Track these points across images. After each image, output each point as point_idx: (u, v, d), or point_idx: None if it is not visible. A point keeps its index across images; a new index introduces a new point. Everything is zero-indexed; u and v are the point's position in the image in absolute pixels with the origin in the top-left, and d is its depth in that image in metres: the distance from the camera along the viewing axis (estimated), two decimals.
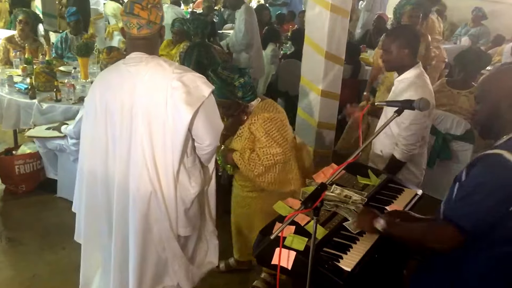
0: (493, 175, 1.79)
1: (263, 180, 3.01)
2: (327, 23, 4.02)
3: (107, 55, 4.51)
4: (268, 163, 2.93)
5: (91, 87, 2.52)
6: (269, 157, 2.92)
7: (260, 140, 2.94)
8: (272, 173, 2.99)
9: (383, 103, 2.44)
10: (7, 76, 5.05)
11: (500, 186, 1.78)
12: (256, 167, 2.94)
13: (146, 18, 2.27)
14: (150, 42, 2.37)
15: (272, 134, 2.94)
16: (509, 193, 1.78)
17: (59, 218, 4.24)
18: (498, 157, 1.79)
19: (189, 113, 2.26)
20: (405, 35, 3.13)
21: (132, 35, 2.32)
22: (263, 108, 3.00)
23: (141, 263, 2.46)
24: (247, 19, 6.27)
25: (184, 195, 2.44)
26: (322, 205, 1.94)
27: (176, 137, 2.31)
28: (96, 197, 2.51)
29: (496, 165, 1.79)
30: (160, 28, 2.38)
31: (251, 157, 2.94)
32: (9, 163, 4.62)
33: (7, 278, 3.51)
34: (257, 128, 2.94)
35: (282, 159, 2.96)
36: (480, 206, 1.80)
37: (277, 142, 2.94)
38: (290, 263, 2.06)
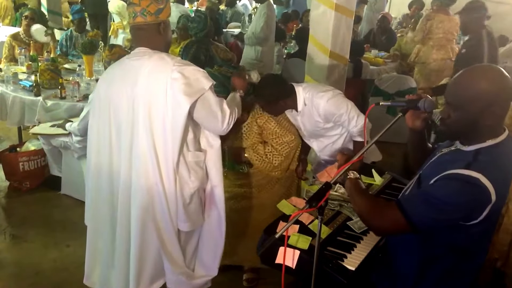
0: (467, 199, 1.77)
1: (280, 168, 3.10)
2: (331, 22, 4.01)
3: (109, 53, 4.53)
4: (286, 152, 3.05)
5: (98, 82, 2.57)
6: (285, 146, 3.04)
7: (273, 131, 3.04)
8: (289, 160, 3.10)
9: (387, 103, 2.43)
10: (12, 73, 5.06)
11: (468, 208, 1.78)
12: (275, 158, 3.04)
13: (141, 6, 2.32)
14: (147, 34, 2.39)
15: (282, 123, 3.06)
16: (472, 211, 1.79)
17: (63, 215, 4.26)
18: (475, 182, 1.75)
19: (187, 103, 2.27)
20: (268, 90, 3.08)
21: (130, 24, 2.41)
22: None
23: (141, 256, 2.48)
24: (268, 14, 6.50)
25: (183, 189, 2.45)
26: (327, 204, 1.95)
27: (175, 129, 2.32)
28: (101, 190, 2.54)
29: (472, 190, 1.76)
30: (159, 23, 2.39)
31: (266, 150, 3.03)
32: (14, 160, 4.64)
33: (11, 275, 3.53)
34: (266, 120, 3.02)
35: (296, 145, 3.09)
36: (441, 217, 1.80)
37: (288, 130, 3.07)
38: (294, 262, 2.07)
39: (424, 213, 1.81)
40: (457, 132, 1.93)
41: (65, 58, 6.05)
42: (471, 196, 1.76)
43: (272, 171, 3.11)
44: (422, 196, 1.85)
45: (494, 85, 1.80)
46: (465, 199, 1.77)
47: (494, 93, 1.79)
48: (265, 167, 3.07)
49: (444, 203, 1.78)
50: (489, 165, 1.80)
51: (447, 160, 1.94)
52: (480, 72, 1.86)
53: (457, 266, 1.95)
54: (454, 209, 1.78)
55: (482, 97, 1.79)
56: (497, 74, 1.82)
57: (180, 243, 2.55)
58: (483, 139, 1.87)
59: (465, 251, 1.92)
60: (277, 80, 3.18)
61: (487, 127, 1.85)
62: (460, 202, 1.77)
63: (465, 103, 1.83)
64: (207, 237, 2.71)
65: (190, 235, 2.63)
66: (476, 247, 1.94)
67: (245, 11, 10.49)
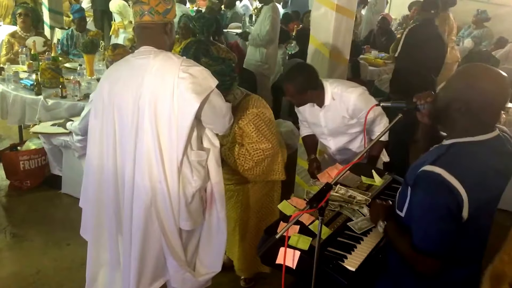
0: (436, 200, 1.79)
1: (252, 173, 3.05)
2: (332, 23, 4.02)
3: (112, 52, 4.53)
4: (258, 158, 2.98)
5: (100, 81, 2.55)
6: (259, 152, 2.96)
7: (250, 135, 2.97)
8: (261, 167, 3.04)
9: (388, 104, 2.45)
10: (13, 72, 5.08)
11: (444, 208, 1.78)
12: (246, 162, 2.98)
13: (149, 5, 2.32)
14: (153, 33, 2.40)
15: (261, 129, 2.97)
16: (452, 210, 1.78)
17: (64, 214, 4.28)
18: (437, 178, 1.78)
19: (197, 101, 2.28)
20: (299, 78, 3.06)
21: (136, 23, 2.39)
22: (251, 104, 3.01)
23: (142, 255, 2.48)
24: (274, 16, 6.49)
25: (186, 187, 2.45)
26: (327, 205, 1.95)
27: (181, 127, 2.33)
28: (105, 192, 2.53)
29: (437, 189, 1.79)
30: (165, 24, 2.41)
31: (240, 152, 2.98)
32: (14, 158, 4.65)
33: (12, 274, 3.54)
34: (246, 123, 2.96)
35: (271, 154, 3.01)
36: (440, 231, 1.82)
37: (266, 137, 2.97)
38: (294, 263, 2.08)
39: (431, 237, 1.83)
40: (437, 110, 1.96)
41: (66, 57, 6.06)
42: (439, 193, 1.78)
43: (244, 173, 3.06)
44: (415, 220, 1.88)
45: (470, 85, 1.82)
46: (435, 201, 1.79)
47: (476, 95, 1.81)
48: (236, 168, 3.04)
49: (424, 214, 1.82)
50: (455, 160, 1.82)
51: (426, 156, 1.95)
52: (470, 71, 1.89)
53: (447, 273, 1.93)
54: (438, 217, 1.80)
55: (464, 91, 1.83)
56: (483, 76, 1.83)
57: (182, 241, 2.56)
58: (461, 134, 1.88)
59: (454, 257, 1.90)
60: (310, 69, 3.13)
61: (465, 123, 1.87)
62: (433, 206, 1.80)
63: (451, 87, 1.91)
64: (208, 235, 2.72)
65: (191, 234, 2.63)
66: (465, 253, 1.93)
67: (245, 11, 10.49)
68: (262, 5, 6.85)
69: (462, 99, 1.83)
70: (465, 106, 1.83)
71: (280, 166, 3.17)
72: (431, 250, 1.83)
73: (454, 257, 1.90)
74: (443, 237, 1.83)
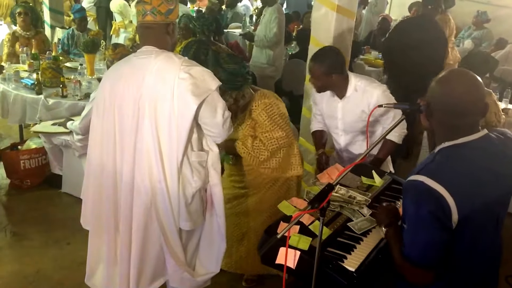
0: (420, 208, 1.79)
1: (267, 165, 3.05)
2: (333, 24, 4.03)
3: (113, 51, 4.54)
4: (273, 147, 2.98)
5: (102, 80, 2.57)
6: (273, 141, 2.97)
7: (263, 124, 2.98)
8: (277, 158, 3.05)
9: (390, 105, 2.46)
10: (14, 71, 5.09)
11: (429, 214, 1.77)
12: (261, 153, 2.98)
13: (149, 3, 2.33)
14: (155, 33, 2.41)
15: (274, 118, 2.98)
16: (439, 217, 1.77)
17: (64, 213, 4.28)
18: (419, 186, 1.78)
19: (195, 103, 2.29)
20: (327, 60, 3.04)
21: (138, 22, 2.40)
22: (263, 95, 3.04)
23: (141, 255, 2.50)
24: (280, 18, 6.50)
25: (186, 188, 2.46)
26: (329, 205, 1.96)
27: (181, 128, 2.34)
28: (104, 189, 2.54)
29: (419, 196, 1.79)
30: (167, 24, 2.42)
31: (254, 144, 2.98)
32: (15, 158, 4.66)
33: (12, 272, 3.54)
34: (259, 113, 2.97)
35: (286, 143, 3.02)
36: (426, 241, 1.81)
37: (279, 126, 2.99)
38: (295, 263, 2.08)
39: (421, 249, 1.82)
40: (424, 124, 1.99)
41: (67, 56, 6.07)
42: (422, 201, 1.78)
43: (260, 166, 3.06)
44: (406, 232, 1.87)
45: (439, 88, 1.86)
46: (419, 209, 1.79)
47: (437, 96, 1.85)
48: (252, 161, 3.04)
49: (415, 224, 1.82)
50: (440, 166, 1.82)
51: (418, 166, 1.96)
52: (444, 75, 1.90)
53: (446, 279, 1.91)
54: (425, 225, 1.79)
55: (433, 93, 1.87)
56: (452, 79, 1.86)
57: (182, 241, 2.57)
58: (444, 139, 1.90)
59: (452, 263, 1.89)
60: (339, 54, 3.11)
61: (442, 128, 1.90)
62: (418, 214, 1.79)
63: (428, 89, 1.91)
64: (208, 236, 2.73)
65: (191, 234, 2.64)
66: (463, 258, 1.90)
67: (246, 11, 10.50)
68: (265, 6, 6.83)
69: (434, 102, 1.87)
70: (437, 108, 1.86)
71: (297, 159, 3.17)
72: (419, 260, 1.83)
73: (453, 264, 1.88)
74: (430, 247, 1.81)
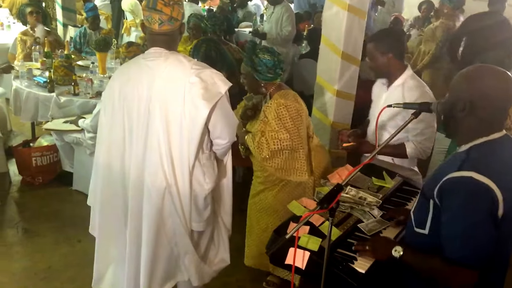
0: (475, 204, 1.75)
1: (270, 164, 3.07)
2: (344, 23, 4.02)
3: (126, 50, 4.57)
4: (274, 148, 2.99)
5: (110, 81, 2.56)
6: (276, 141, 2.99)
7: (270, 123, 3.00)
8: (279, 159, 3.05)
9: (400, 105, 2.44)
10: (27, 69, 5.12)
11: (484, 211, 1.75)
12: (264, 150, 3.00)
13: (168, 14, 2.30)
14: (170, 38, 2.41)
15: (283, 120, 2.99)
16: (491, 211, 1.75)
17: (75, 210, 4.32)
18: (469, 181, 1.75)
19: (206, 108, 2.30)
20: (386, 38, 3.03)
21: (153, 30, 2.35)
22: (281, 95, 3.05)
23: (153, 257, 2.49)
24: (292, 16, 6.61)
25: (198, 190, 2.47)
26: (338, 206, 1.95)
27: (192, 132, 2.34)
28: (112, 190, 2.54)
29: (472, 192, 1.75)
30: (180, 25, 2.42)
31: (260, 140, 3.01)
32: (27, 155, 4.70)
33: (23, 269, 3.58)
34: (270, 111, 3.01)
35: (288, 146, 3.02)
36: (481, 239, 1.77)
37: (286, 128, 2.99)
38: (304, 263, 2.07)
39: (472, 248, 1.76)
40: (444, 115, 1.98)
41: (79, 55, 6.10)
42: (474, 197, 1.75)
43: (263, 162, 3.08)
44: (452, 230, 1.80)
45: (472, 84, 1.85)
46: (474, 206, 1.75)
47: (478, 93, 1.83)
48: (256, 156, 3.07)
49: (464, 221, 1.75)
50: (480, 161, 1.80)
51: (443, 166, 1.96)
52: (471, 71, 1.90)
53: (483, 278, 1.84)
54: (479, 223, 1.74)
55: (466, 89, 1.85)
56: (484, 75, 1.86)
57: (193, 241, 2.57)
58: (474, 137, 1.88)
59: None
60: (400, 38, 3.10)
61: (475, 124, 1.87)
62: (472, 212, 1.75)
63: (454, 89, 1.91)
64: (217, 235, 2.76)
65: (202, 233, 2.65)
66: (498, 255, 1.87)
67: (256, 11, 10.48)
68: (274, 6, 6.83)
69: (464, 98, 1.84)
70: (468, 105, 1.83)
71: (302, 165, 3.14)
72: (470, 260, 1.76)
73: None
74: (485, 245, 1.76)
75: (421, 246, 1.96)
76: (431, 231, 1.93)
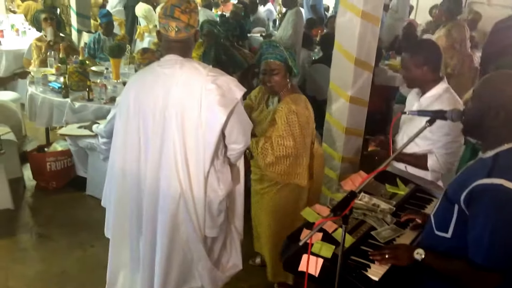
0: (504, 211, 1.76)
1: (273, 170, 3.05)
2: (357, 29, 4.00)
3: (141, 56, 4.60)
4: (279, 154, 2.98)
5: (126, 87, 2.58)
6: (281, 148, 2.97)
7: (278, 128, 2.98)
8: (283, 165, 3.04)
9: (415, 113, 2.43)
10: (42, 75, 5.18)
11: None
12: (268, 156, 2.99)
13: (185, 22, 2.33)
14: (186, 45, 2.43)
15: (292, 126, 2.98)
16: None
17: (89, 215, 4.34)
18: (499, 189, 1.76)
19: (223, 114, 2.31)
20: (422, 51, 2.97)
21: (170, 37, 2.37)
22: (293, 100, 3.03)
23: (166, 263, 2.50)
24: (296, 20, 6.59)
25: (212, 196, 2.47)
26: (351, 213, 1.94)
27: (208, 138, 2.35)
28: (127, 195, 2.55)
29: (502, 200, 1.76)
30: (195, 32, 2.44)
31: (264, 146, 2.99)
32: (41, 159, 4.74)
33: (37, 273, 3.60)
34: (281, 115, 2.98)
35: (293, 153, 3.01)
36: (508, 246, 1.78)
37: (293, 135, 2.98)
38: (317, 271, 2.07)
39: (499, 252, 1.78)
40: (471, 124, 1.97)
41: (93, 60, 6.15)
42: (505, 205, 1.75)
43: (266, 169, 3.06)
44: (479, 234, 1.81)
45: (502, 91, 1.85)
46: (503, 211, 1.75)
47: (502, 99, 1.84)
48: (260, 161, 3.05)
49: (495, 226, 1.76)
50: (510, 168, 1.80)
51: (470, 172, 1.95)
52: (496, 78, 1.92)
53: None
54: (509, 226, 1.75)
55: (497, 97, 1.85)
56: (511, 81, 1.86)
57: (206, 247, 2.57)
58: (501, 142, 1.88)
59: None
60: (436, 50, 3.02)
61: (503, 130, 1.87)
62: (503, 218, 1.75)
63: (481, 96, 1.90)
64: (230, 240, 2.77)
65: (215, 239, 2.65)
66: None
67: (269, 16, 10.50)
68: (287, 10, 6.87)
69: (496, 106, 1.84)
70: (502, 111, 1.83)
71: (303, 171, 3.14)
72: (497, 266, 1.79)
73: None
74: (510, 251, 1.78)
75: (442, 249, 1.97)
76: (454, 234, 1.93)
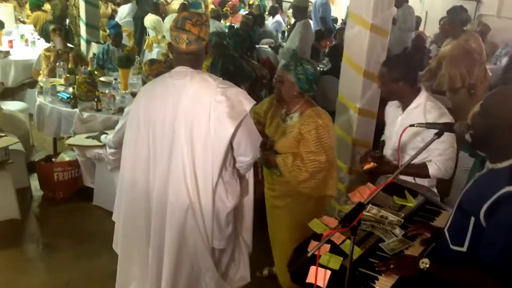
0: None
1: (306, 186, 3.01)
2: (366, 42, 4.01)
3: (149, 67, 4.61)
4: (313, 170, 2.95)
5: (136, 98, 2.59)
6: (315, 164, 2.94)
7: (309, 143, 2.94)
8: (316, 180, 3.01)
9: (423, 125, 2.41)
10: (51, 85, 5.21)
11: None
12: (301, 173, 2.95)
13: (196, 34, 2.34)
14: (196, 57, 2.44)
15: (323, 141, 2.95)
16: None
17: (96, 226, 4.33)
18: None
19: (232, 126, 2.31)
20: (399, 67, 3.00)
21: (181, 49, 2.38)
22: (317, 114, 2.99)
23: (174, 274, 2.49)
24: (303, 32, 6.55)
25: (220, 208, 2.46)
26: (360, 225, 1.93)
27: (217, 150, 2.35)
28: (135, 206, 2.55)
29: None
30: (206, 44, 2.45)
31: (295, 163, 2.95)
32: (49, 170, 4.74)
33: (43, 283, 3.59)
34: (309, 130, 2.94)
35: (326, 167, 2.99)
36: None
37: (325, 150, 2.95)
38: (325, 282, 2.05)
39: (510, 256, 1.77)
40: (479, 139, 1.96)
41: (102, 71, 6.18)
42: None
43: (298, 186, 3.03)
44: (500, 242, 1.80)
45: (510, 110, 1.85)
46: None
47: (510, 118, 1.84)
48: (290, 179, 3.01)
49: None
50: None
51: (485, 183, 1.93)
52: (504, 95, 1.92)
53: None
54: None
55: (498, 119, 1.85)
56: None
57: (215, 258, 2.56)
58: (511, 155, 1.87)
59: None
60: (412, 64, 3.10)
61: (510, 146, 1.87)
62: None
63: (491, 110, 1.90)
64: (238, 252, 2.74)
65: (223, 251, 2.63)
66: None
67: (278, 28, 10.53)
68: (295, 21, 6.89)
69: (504, 124, 1.84)
70: (508, 130, 1.83)
71: (334, 181, 3.14)
72: (505, 269, 1.78)
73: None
74: None
75: (458, 264, 1.94)
76: (470, 248, 1.92)
